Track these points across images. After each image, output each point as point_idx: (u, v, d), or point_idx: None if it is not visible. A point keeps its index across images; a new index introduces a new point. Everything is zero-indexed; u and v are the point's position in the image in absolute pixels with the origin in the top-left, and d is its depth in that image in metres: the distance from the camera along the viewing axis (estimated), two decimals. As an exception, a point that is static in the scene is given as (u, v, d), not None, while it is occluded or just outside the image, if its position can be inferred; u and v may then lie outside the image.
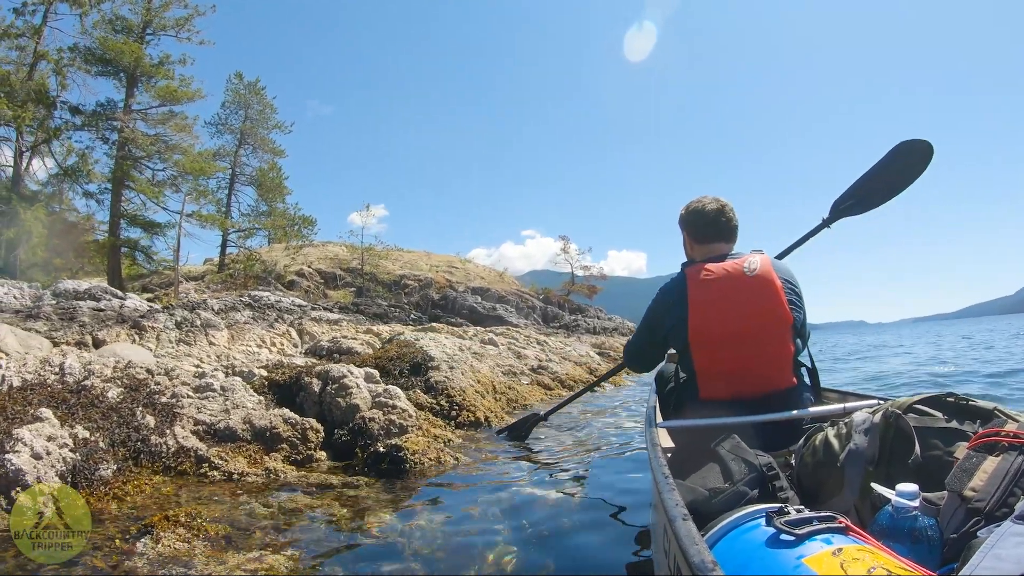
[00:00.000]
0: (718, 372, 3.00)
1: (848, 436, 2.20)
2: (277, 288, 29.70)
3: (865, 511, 2.03)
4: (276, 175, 35.87)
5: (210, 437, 5.03)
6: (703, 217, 3.27)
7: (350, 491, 4.39)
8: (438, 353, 7.96)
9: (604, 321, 38.70)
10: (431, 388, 7.23)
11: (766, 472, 2.20)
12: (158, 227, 30.28)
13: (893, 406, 2.19)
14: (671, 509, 1.76)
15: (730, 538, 1.79)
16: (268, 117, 36.55)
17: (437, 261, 42.99)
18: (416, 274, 37.05)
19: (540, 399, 9.13)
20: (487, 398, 7.62)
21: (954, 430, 2.07)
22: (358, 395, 5.84)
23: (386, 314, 25.40)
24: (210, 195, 32.27)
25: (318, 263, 36.64)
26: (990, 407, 2.10)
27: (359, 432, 5.46)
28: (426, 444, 5.25)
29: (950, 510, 1.75)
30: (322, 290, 33.02)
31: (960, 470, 1.80)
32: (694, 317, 2.97)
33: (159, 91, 28.75)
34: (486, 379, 8.29)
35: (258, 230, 34.68)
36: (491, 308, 31.30)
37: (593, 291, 45.58)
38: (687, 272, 3.11)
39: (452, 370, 7.65)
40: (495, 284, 39.18)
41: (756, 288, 2.94)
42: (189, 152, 29.53)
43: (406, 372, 7.62)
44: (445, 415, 6.81)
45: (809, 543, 1.54)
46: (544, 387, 9.94)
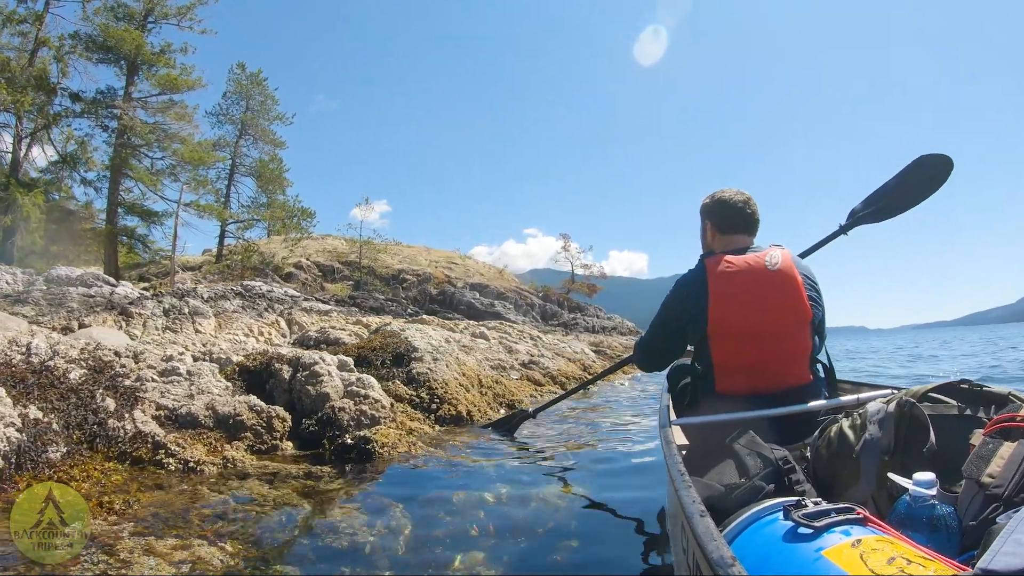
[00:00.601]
0: (736, 366, 2.95)
1: (863, 427, 2.17)
2: (274, 280, 29.50)
3: (882, 501, 1.99)
4: (277, 166, 35.51)
5: (171, 423, 4.75)
6: (729, 207, 3.22)
7: (311, 483, 4.12)
8: (423, 344, 7.66)
9: (603, 320, 38.54)
10: (413, 380, 6.93)
11: (782, 466, 2.18)
12: (155, 216, 30.11)
13: (907, 395, 2.16)
14: (688, 506, 1.75)
15: (748, 533, 1.79)
16: (269, 108, 36.24)
17: (436, 257, 42.64)
18: (415, 269, 36.81)
19: (529, 395, 8.82)
20: (471, 392, 7.31)
21: (969, 417, 2.05)
22: (329, 384, 5.53)
23: (383, 308, 25.23)
24: (209, 185, 32.05)
25: (316, 256, 36.42)
26: (1005, 392, 2.05)
27: (328, 422, 5.16)
28: (397, 437, 4.98)
29: (968, 497, 1.72)
30: (320, 283, 32.78)
31: (976, 457, 1.77)
32: (714, 309, 2.92)
33: (159, 79, 28.56)
34: (472, 372, 7.96)
35: (257, 221, 34.42)
36: (489, 305, 31.10)
37: (593, 290, 45.40)
38: (707, 263, 3.04)
39: (436, 362, 7.35)
40: (494, 281, 38.92)
41: (777, 283, 2.92)
42: (188, 141, 29.34)
43: (388, 363, 7.31)
44: (425, 408, 6.50)
45: (828, 535, 1.54)
46: (534, 383, 9.62)
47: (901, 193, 4.17)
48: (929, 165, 4.09)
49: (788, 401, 2.85)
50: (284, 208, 34.83)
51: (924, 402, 2.11)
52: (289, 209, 34.88)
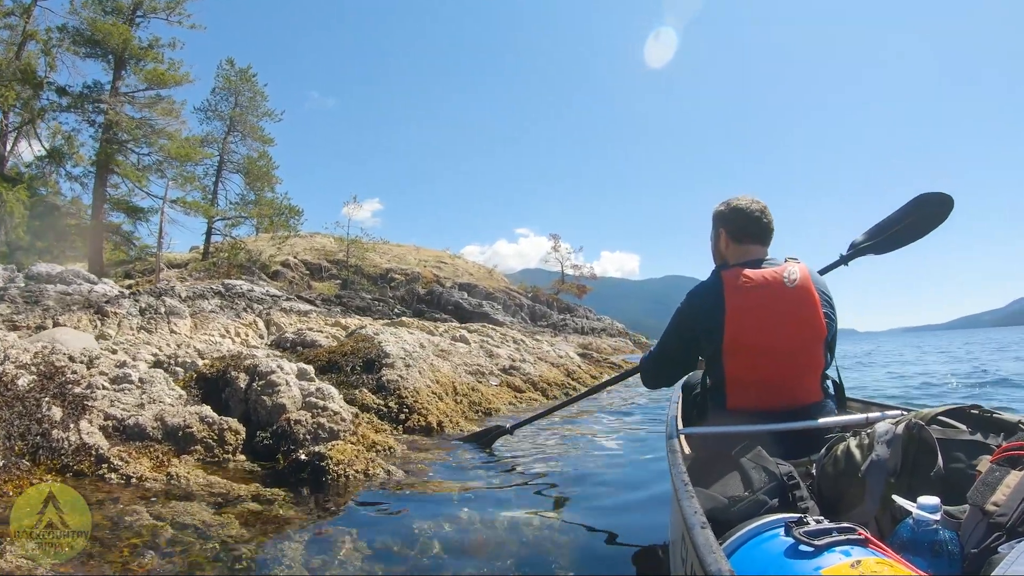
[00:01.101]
0: (749, 382, 2.88)
1: (870, 447, 2.15)
2: (261, 278, 29.27)
3: (885, 523, 2.01)
4: (265, 163, 35.22)
5: (119, 434, 4.45)
6: (745, 216, 3.11)
7: (258, 506, 3.79)
8: (395, 350, 7.34)
9: (593, 321, 38.53)
10: (382, 387, 6.63)
11: (787, 481, 2.16)
12: (141, 212, 29.92)
13: (916, 417, 2.14)
14: (689, 516, 1.78)
15: (748, 547, 1.78)
16: (258, 104, 35.97)
17: (426, 256, 42.39)
18: (403, 268, 36.64)
19: (508, 402, 8.50)
20: (445, 400, 7.01)
21: (977, 443, 2.03)
22: (286, 394, 5.20)
23: (369, 308, 25.00)
24: (196, 182, 31.87)
25: (304, 254, 36.21)
26: (1015, 420, 2.06)
27: (283, 436, 4.84)
28: (355, 453, 4.61)
29: (971, 524, 1.71)
30: (307, 281, 32.58)
31: (982, 484, 1.75)
32: (731, 324, 2.83)
33: (147, 74, 28.33)
34: (446, 379, 7.67)
35: (244, 219, 34.10)
36: (477, 305, 30.93)
37: (583, 291, 45.38)
38: (724, 276, 2.93)
39: (408, 369, 7.04)
40: (483, 281, 38.77)
41: (795, 299, 2.85)
42: (176, 137, 29.14)
43: (358, 369, 7.00)
44: (393, 418, 6.19)
45: (828, 554, 1.52)
46: (514, 389, 9.29)
47: (902, 229, 4.15)
48: (930, 203, 4.09)
49: (799, 418, 2.79)
50: (272, 205, 34.53)
51: (933, 425, 2.10)
52: (277, 207, 34.57)
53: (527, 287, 42.55)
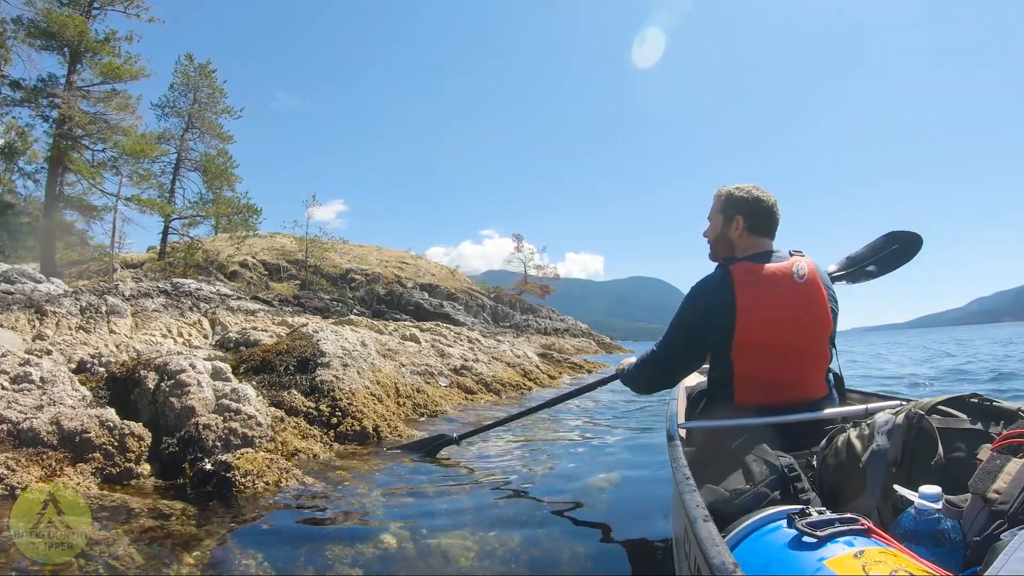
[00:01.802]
0: (758, 379, 2.83)
1: (870, 437, 2.16)
2: (218, 278, 28.71)
3: (887, 513, 1.98)
4: (224, 161, 34.41)
5: (12, 439, 3.99)
6: (764, 207, 3.05)
7: (154, 522, 3.30)
8: (332, 348, 6.87)
9: (556, 322, 38.44)
10: (315, 389, 6.14)
11: (787, 473, 2.18)
12: (95, 210, 29.19)
13: (916, 407, 2.14)
14: (692, 510, 1.78)
15: (751, 540, 1.78)
16: (217, 101, 35.17)
17: (388, 256, 41.76)
18: (364, 268, 36.12)
19: (457, 404, 8.07)
20: (385, 402, 6.53)
21: (977, 431, 2.03)
22: (196, 395, 4.66)
23: (327, 308, 24.52)
24: (152, 179, 31.11)
25: (263, 254, 35.57)
26: (1014, 408, 2.06)
27: (190, 442, 4.33)
28: (267, 463, 4.11)
29: (973, 512, 1.70)
30: (265, 282, 32.01)
31: (983, 472, 1.75)
32: (742, 321, 2.75)
33: (102, 68, 27.64)
34: (388, 380, 7.20)
35: (202, 218, 33.34)
36: (438, 305, 30.53)
37: (546, 291, 45.24)
38: (732, 271, 2.82)
39: (346, 368, 6.57)
40: (446, 282, 38.28)
41: (805, 295, 2.82)
42: (131, 133, 28.46)
43: (292, 369, 6.51)
44: (324, 422, 5.68)
45: (831, 545, 1.52)
46: (465, 391, 8.85)
47: (873, 262, 4.09)
48: (901, 241, 4.08)
49: (804, 412, 2.75)
50: (230, 205, 33.63)
51: (933, 414, 2.09)
52: (235, 206, 33.69)
53: (489, 288, 42.20)
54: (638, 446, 6.00)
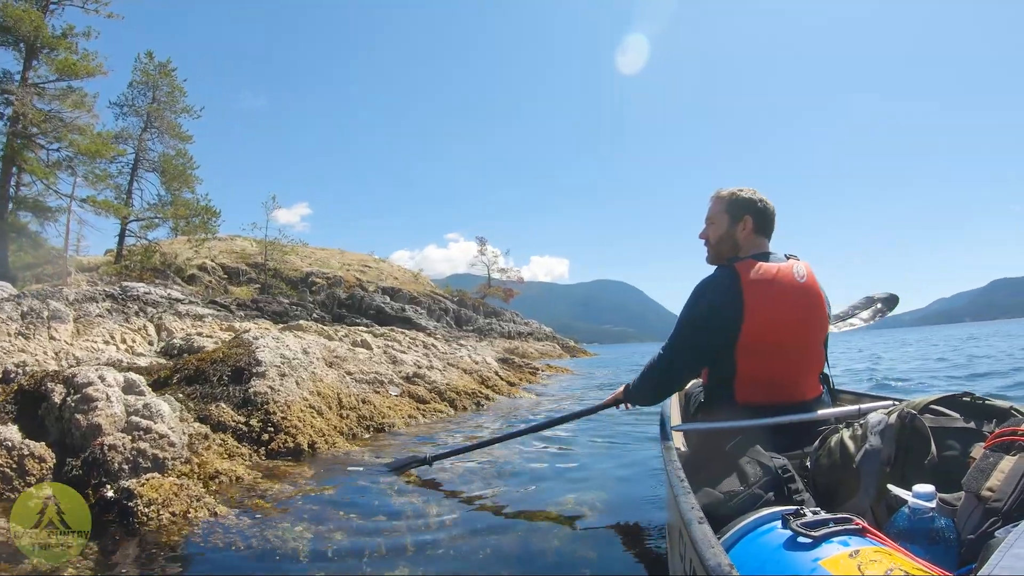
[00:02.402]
0: (760, 378, 2.86)
1: (863, 437, 2.18)
2: (175, 282, 28.06)
3: (881, 513, 2.00)
4: (184, 162, 33.57)
5: None
6: (770, 208, 3.15)
7: (40, 560, 2.88)
8: (269, 356, 6.44)
9: (520, 325, 38.40)
10: (248, 401, 5.67)
11: (781, 474, 2.16)
12: (49, 212, 28.39)
13: (908, 406, 2.17)
14: (686, 512, 1.77)
15: (746, 541, 1.77)
16: (177, 100, 34.05)
17: (350, 259, 41.28)
18: (325, 272, 35.58)
19: (408, 415, 7.55)
20: (326, 415, 6.10)
21: (970, 430, 2.06)
22: (104, 411, 4.15)
23: (286, 312, 24.04)
24: (108, 180, 30.27)
25: (222, 257, 34.85)
26: (1006, 406, 2.07)
27: (95, 465, 3.85)
28: (174, 490, 3.65)
29: (967, 511, 1.72)
30: (224, 285, 31.36)
31: (977, 470, 1.77)
32: (750, 319, 2.78)
33: (58, 64, 26.85)
34: (330, 390, 6.74)
35: (159, 220, 32.48)
36: (400, 309, 30.13)
37: (510, 294, 45.16)
38: (739, 269, 2.86)
39: (283, 379, 6.14)
40: (408, 285, 37.97)
41: (806, 295, 2.90)
42: (87, 132, 27.65)
43: (225, 379, 6.06)
44: (254, 439, 5.21)
45: (826, 545, 1.53)
46: (417, 400, 8.33)
47: (856, 318, 4.37)
48: (880, 300, 4.44)
49: (799, 412, 2.79)
50: (189, 206, 32.78)
51: (925, 414, 2.12)
52: (194, 208, 32.84)
53: (453, 291, 41.98)
54: (611, 453, 5.87)
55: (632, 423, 7.32)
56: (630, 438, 6.56)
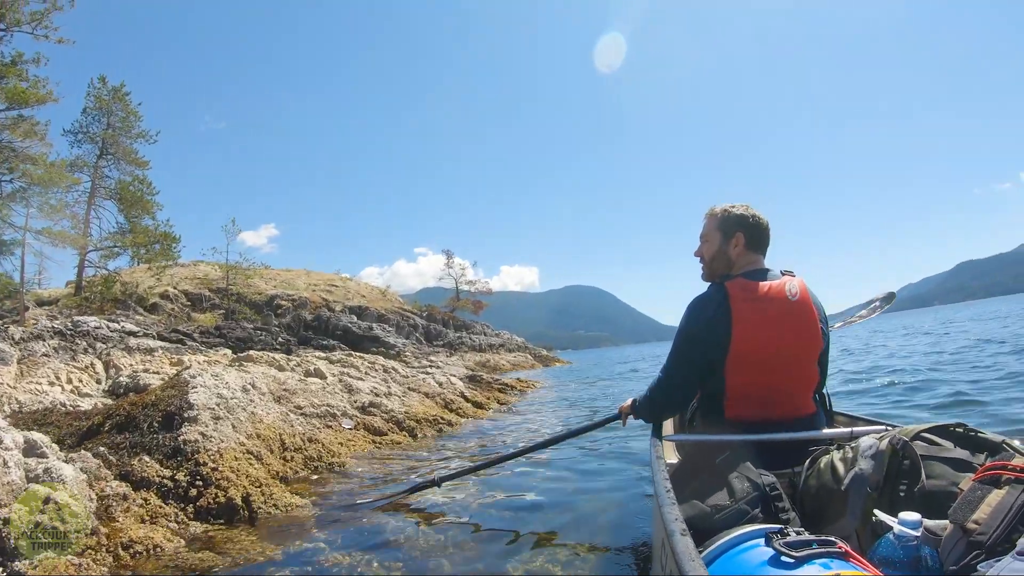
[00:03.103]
0: (749, 394, 2.89)
1: (854, 460, 2.19)
2: (137, 312, 27.43)
3: (866, 537, 2.01)
4: (142, 188, 32.77)
5: None
6: (762, 226, 3.18)
7: None
8: (202, 398, 5.90)
9: (491, 337, 38.20)
10: (178, 451, 5.11)
11: (769, 492, 2.17)
12: (3, 245, 27.64)
13: (901, 433, 2.18)
14: (669, 523, 1.77)
15: (728, 556, 1.79)
16: (132, 125, 33.40)
17: (316, 280, 40.75)
18: (290, 294, 35.00)
19: (363, 450, 7.13)
20: (266, 460, 5.58)
21: (960, 460, 2.05)
22: (0, 479, 3.58)
23: (251, 338, 23.54)
24: (64, 210, 29.53)
25: (185, 283, 34.15)
26: (998, 440, 2.09)
27: None
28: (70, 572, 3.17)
29: (951, 542, 1.73)
30: (187, 313, 30.70)
31: (964, 501, 1.77)
32: (737, 335, 2.82)
33: (7, 92, 26.16)
34: (271, 431, 6.21)
35: (118, 249, 31.71)
36: (367, 328, 29.65)
37: (479, 307, 45.05)
38: (728, 287, 2.93)
39: (217, 423, 5.61)
40: (376, 303, 37.58)
41: (797, 313, 2.90)
42: (40, 161, 26.96)
43: (156, 426, 5.54)
44: (182, 496, 4.64)
45: (807, 566, 1.53)
46: (372, 432, 7.81)
47: (858, 315, 4.99)
48: (879, 299, 5.01)
49: (794, 431, 2.80)
50: (147, 233, 32.00)
51: (917, 441, 2.13)
52: (152, 234, 32.06)
53: (421, 306, 41.65)
54: (603, 468, 5.91)
55: (623, 437, 7.29)
56: (622, 451, 6.65)
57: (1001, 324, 25.57)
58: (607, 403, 12.15)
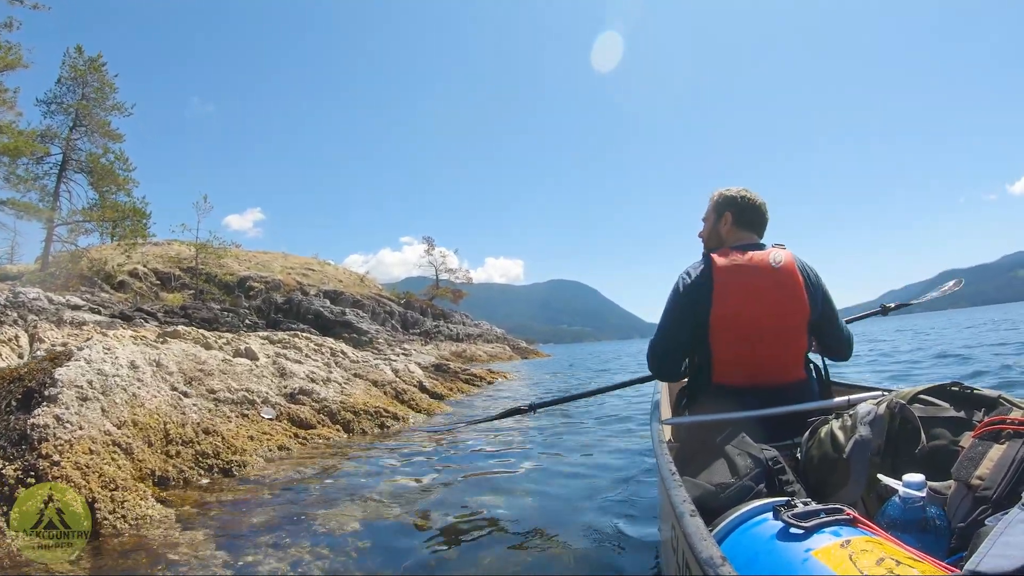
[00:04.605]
0: (734, 359, 2.95)
1: (853, 428, 2.17)
2: (103, 290, 26.46)
3: (872, 503, 2.09)
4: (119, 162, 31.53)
5: None
6: (750, 203, 3.29)
7: None
8: (73, 374, 4.75)
9: (469, 327, 37.87)
10: (24, 438, 4.01)
11: (772, 466, 2.16)
12: (-36, 215, 26.65)
13: (897, 397, 2.24)
14: (678, 505, 1.77)
15: (738, 533, 1.78)
16: (106, 96, 32.13)
17: (293, 263, 39.91)
18: (263, 276, 34.01)
19: (278, 447, 5.98)
20: (137, 456, 4.44)
21: (959, 419, 2.08)
22: None
23: (216, 319, 22.60)
24: (34, 182, 28.44)
25: (155, 262, 33.07)
26: (994, 395, 2.11)
27: None
28: None
29: (957, 499, 1.75)
30: (156, 292, 29.68)
31: (966, 459, 1.80)
32: (718, 301, 2.91)
33: (-27, 54, 25.18)
34: (152, 419, 5.01)
35: (89, 226, 30.58)
36: (340, 313, 28.71)
37: (459, 296, 44.74)
38: (712, 257, 3.01)
39: (83, 404, 4.49)
40: (353, 288, 36.85)
41: (780, 279, 2.93)
42: (8, 129, 25.93)
43: (14, 406, 4.44)
44: (6, 497, 3.55)
45: (817, 535, 1.53)
46: (298, 425, 6.76)
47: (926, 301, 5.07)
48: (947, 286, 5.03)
49: (782, 396, 2.85)
50: (117, 208, 30.78)
51: (914, 404, 2.16)
52: (121, 209, 30.84)
53: (399, 294, 41.07)
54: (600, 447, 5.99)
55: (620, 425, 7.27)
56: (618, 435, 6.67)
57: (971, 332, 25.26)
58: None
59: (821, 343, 3.22)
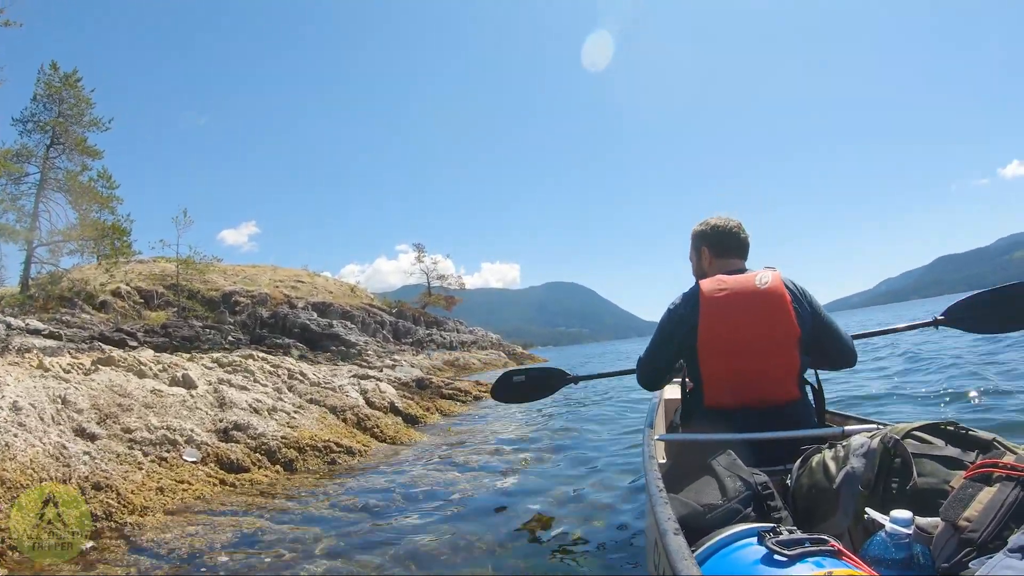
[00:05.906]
0: (724, 381, 2.98)
1: (845, 459, 2.19)
2: (83, 310, 25.69)
3: (858, 535, 2.04)
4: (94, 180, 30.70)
5: None
6: (723, 232, 3.34)
7: None
8: None
9: (463, 335, 37.39)
10: None
11: (761, 491, 2.16)
12: (-60, 239, 25.88)
13: (892, 431, 2.19)
14: (662, 523, 1.79)
15: (720, 555, 1.78)
16: (83, 112, 31.32)
17: (282, 276, 39.34)
18: (249, 290, 33.25)
19: (195, 496, 5.02)
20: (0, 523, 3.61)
21: (952, 459, 2.06)
22: None
23: (198, 337, 21.86)
24: (11, 203, 27.65)
25: (139, 280, 32.28)
26: (989, 437, 2.10)
27: None
28: None
29: (943, 539, 1.75)
30: (139, 311, 28.88)
31: (955, 499, 1.79)
32: (704, 324, 2.96)
33: (-56, 74, 24.47)
34: (23, 476, 4.15)
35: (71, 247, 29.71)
36: (327, 326, 27.92)
37: (451, 302, 44.11)
38: (700, 283, 3.08)
39: None
40: (343, 299, 36.46)
41: (765, 300, 2.97)
42: (-19, 149, 25.19)
43: None
44: None
45: (800, 564, 1.53)
46: (225, 469, 5.78)
47: (1000, 314, 4.05)
48: None
49: (775, 417, 2.86)
50: (96, 227, 29.86)
51: (908, 439, 2.13)
52: (101, 227, 29.91)
53: (391, 303, 40.46)
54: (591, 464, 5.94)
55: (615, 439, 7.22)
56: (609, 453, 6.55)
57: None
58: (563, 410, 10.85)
59: (822, 356, 3.15)
